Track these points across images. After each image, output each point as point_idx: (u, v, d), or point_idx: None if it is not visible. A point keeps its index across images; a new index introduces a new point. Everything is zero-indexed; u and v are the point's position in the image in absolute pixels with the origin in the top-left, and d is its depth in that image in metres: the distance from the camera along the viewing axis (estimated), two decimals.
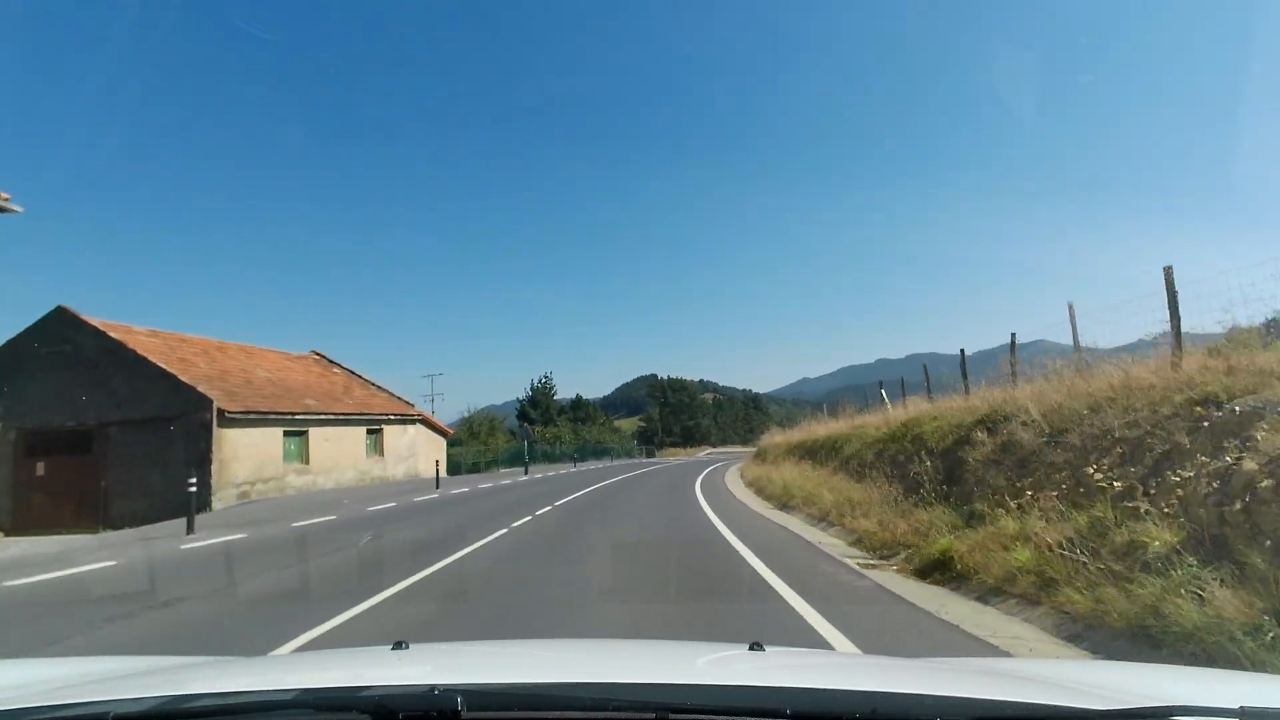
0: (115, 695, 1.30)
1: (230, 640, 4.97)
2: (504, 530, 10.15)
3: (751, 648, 1.77)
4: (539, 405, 51.02)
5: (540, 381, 53.02)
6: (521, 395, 53.30)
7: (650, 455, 55.30)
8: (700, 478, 22.82)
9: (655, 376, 66.47)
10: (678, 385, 65.57)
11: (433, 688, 1.18)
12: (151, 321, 42.90)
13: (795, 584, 6.02)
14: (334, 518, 12.97)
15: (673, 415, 65.06)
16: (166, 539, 11.12)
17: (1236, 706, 1.15)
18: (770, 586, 6.01)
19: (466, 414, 44.45)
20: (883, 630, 4.74)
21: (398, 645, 1.77)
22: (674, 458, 49.69)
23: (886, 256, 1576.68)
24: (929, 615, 5.06)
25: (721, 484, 19.76)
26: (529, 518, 11.78)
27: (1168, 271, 6.94)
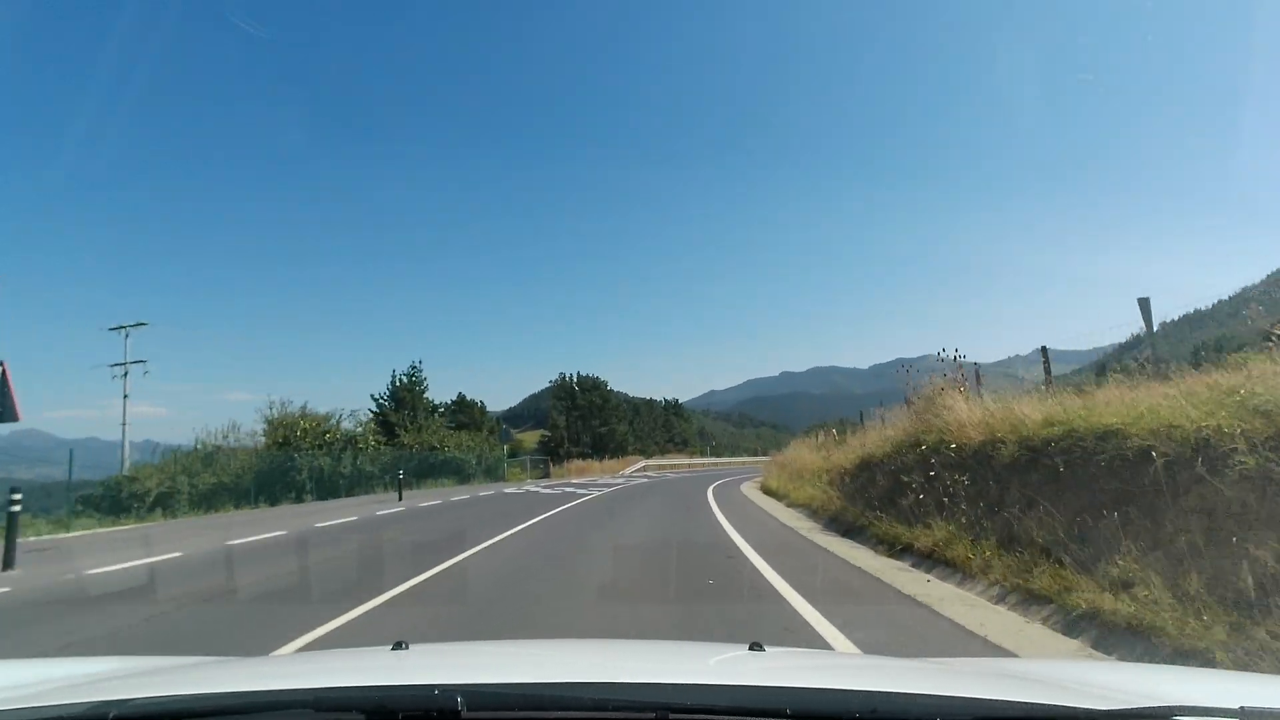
0: (115, 695, 1.29)
1: None
2: None
3: (751, 647, 1.80)
4: (405, 404, 38.18)
5: (408, 373, 40.00)
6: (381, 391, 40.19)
7: (545, 474, 42.03)
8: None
9: (563, 377, 54.39)
10: (589, 384, 54.10)
11: (433, 688, 1.19)
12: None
13: None
14: None
15: (581, 420, 53.46)
16: None
17: (1236, 706, 1.18)
18: None
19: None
20: None
21: (398, 645, 1.79)
22: (578, 478, 32.92)
23: (793, 271, 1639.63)
24: None
25: None
26: None
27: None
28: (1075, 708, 1.18)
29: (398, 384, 38.48)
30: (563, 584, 6.76)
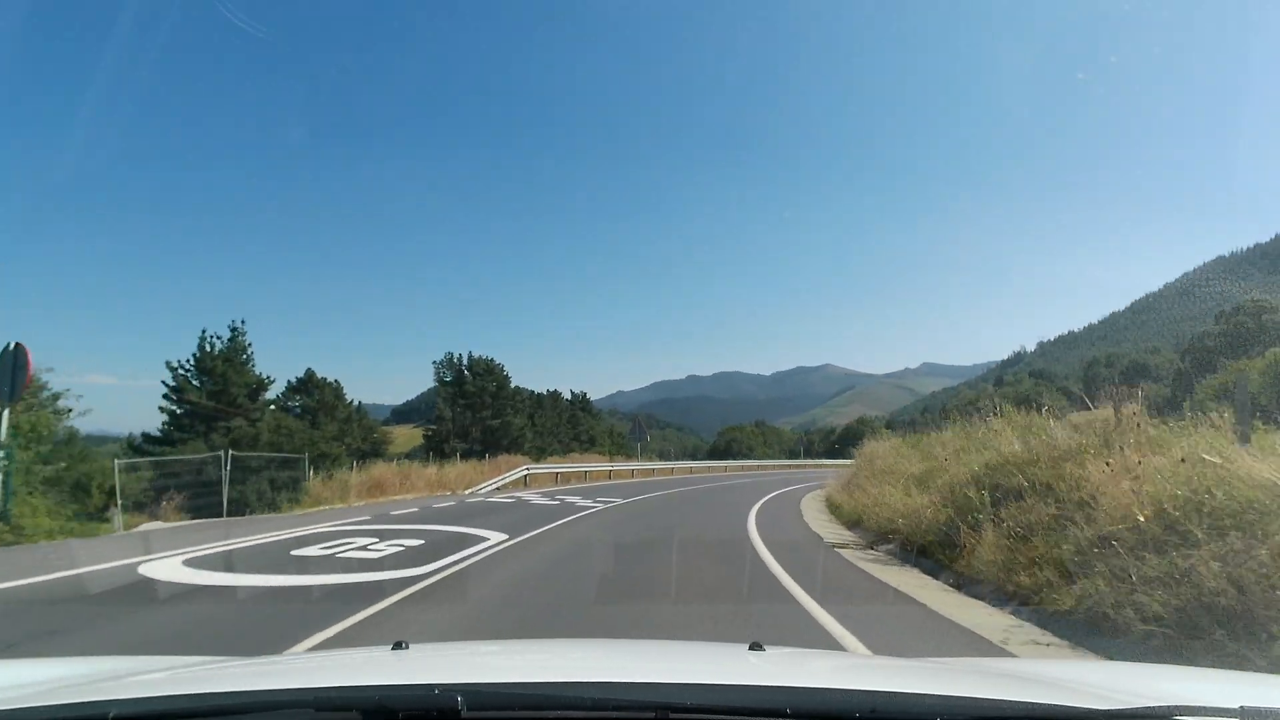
0: (115, 695, 1.29)
1: None
2: None
3: (752, 647, 1.80)
4: (212, 373, 27.59)
5: (218, 337, 29.13)
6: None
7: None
8: None
9: (450, 357, 44.73)
10: (482, 367, 44.76)
11: (433, 687, 1.19)
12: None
13: None
14: None
15: (470, 411, 44.02)
16: None
17: (1236, 706, 1.16)
18: None
19: None
20: None
21: (397, 645, 1.79)
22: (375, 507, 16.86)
23: (700, 276, 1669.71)
24: None
25: None
26: None
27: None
28: (1075, 708, 1.20)
29: (206, 349, 27.86)
30: None
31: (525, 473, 27.95)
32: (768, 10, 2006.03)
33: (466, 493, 22.61)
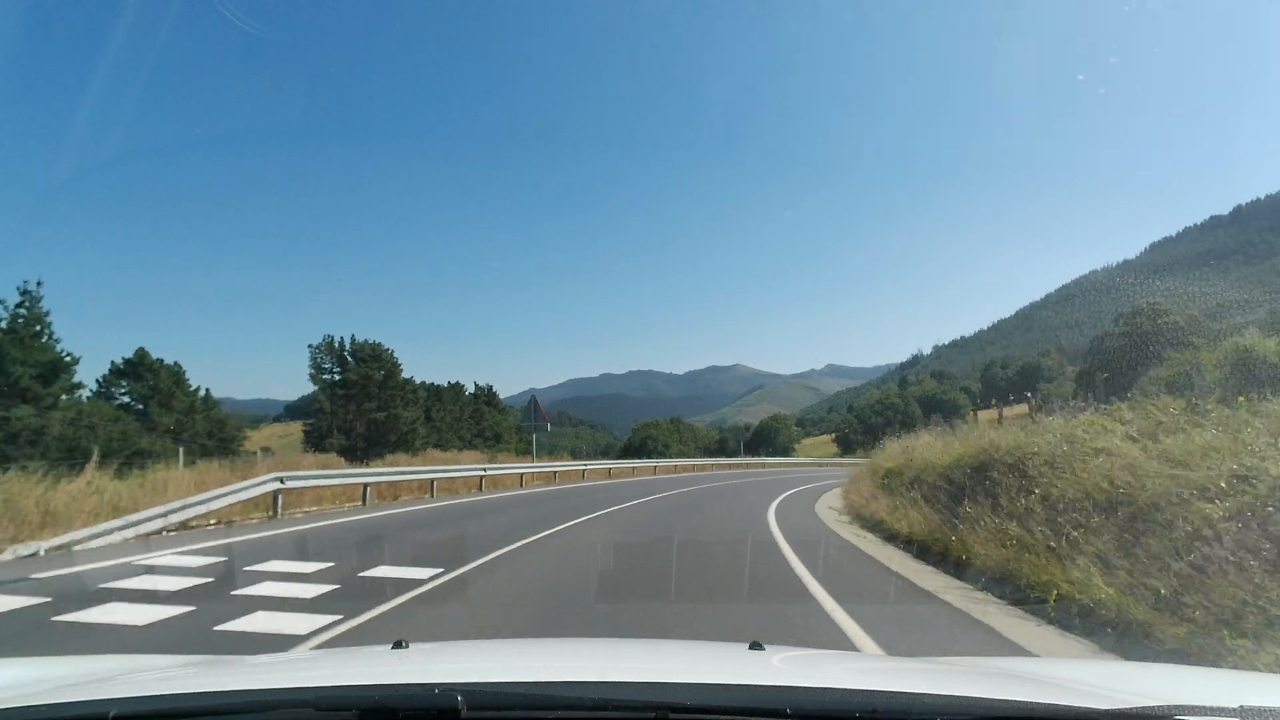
0: (115, 695, 1.28)
1: None
2: None
3: (752, 647, 1.81)
4: None
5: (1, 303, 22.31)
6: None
7: None
8: None
9: (329, 340, 38.53)
10: (367, 351, 38.93)
11: (433, 687, 1.19)
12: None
13: None
14: None
15: (352, 402, 38.16)
16: None
17: (1236, 706, 1.17)
18: None
19: None
20: None
21: (397, 645, 1.78)
22: None
23: (617, 274, 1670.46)
24: None
25: None
26: None
27: None
28: (1075, 707, 1.20)
29: None
30: None
31: (275, 487, 12.73)
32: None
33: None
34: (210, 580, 6.80)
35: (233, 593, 6.15)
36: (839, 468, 41.00)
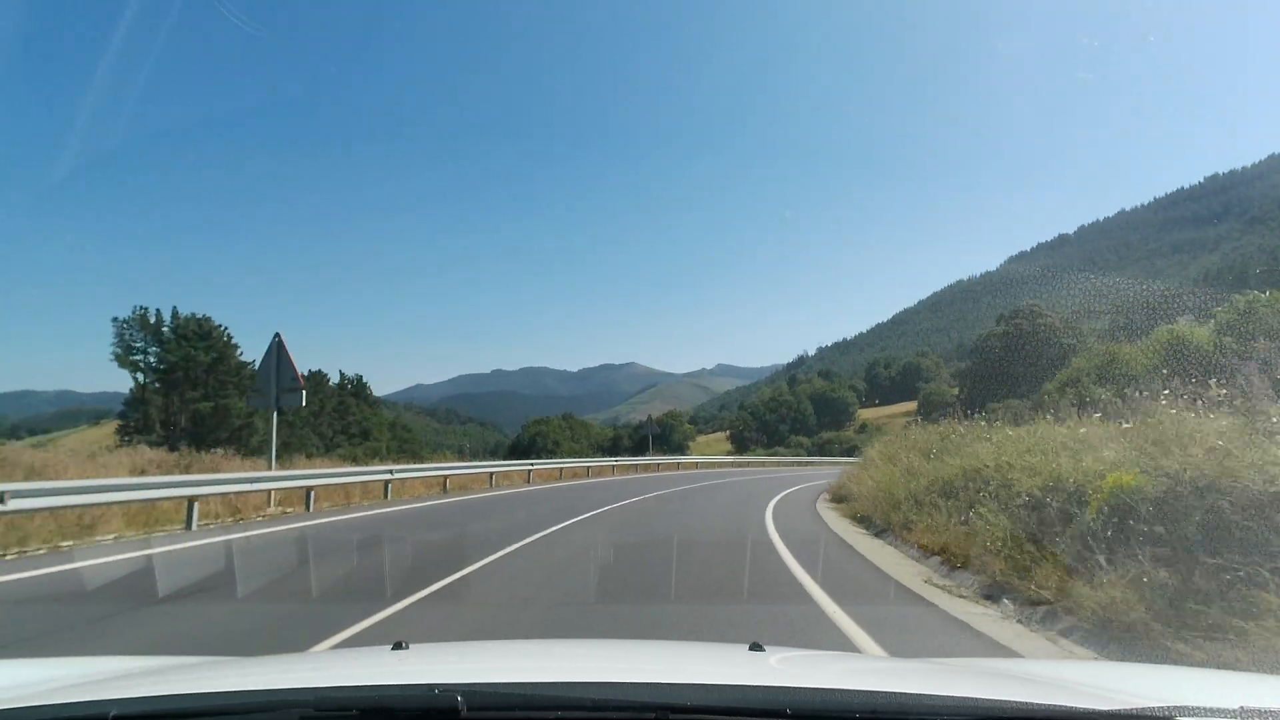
0: (115, 695, 1.28)
1: None
2: None
3: (752, 648, 1.78)
4: None
5: None
6: None
7: None
8: None
9: (141, 312, 31.05)
10: (192, 328, 32.08)
11: (433, 687, 1.18)
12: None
13: None
14: None
15: (173, 388, 31.26)
16: None
17: (1236, 706, 1.18)
18: None
19: None
20: None
21: (397, 645, 1.76)
22: None
23: (510, 270, 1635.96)
24: None
25: None
26: None
27: None
28: (1075, 708, 1.20)
29: None
30: None
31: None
32: None
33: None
34: None
35: None
36: (760, 469, 37.26)
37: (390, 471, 16.34)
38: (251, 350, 37.21)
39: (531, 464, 24.91)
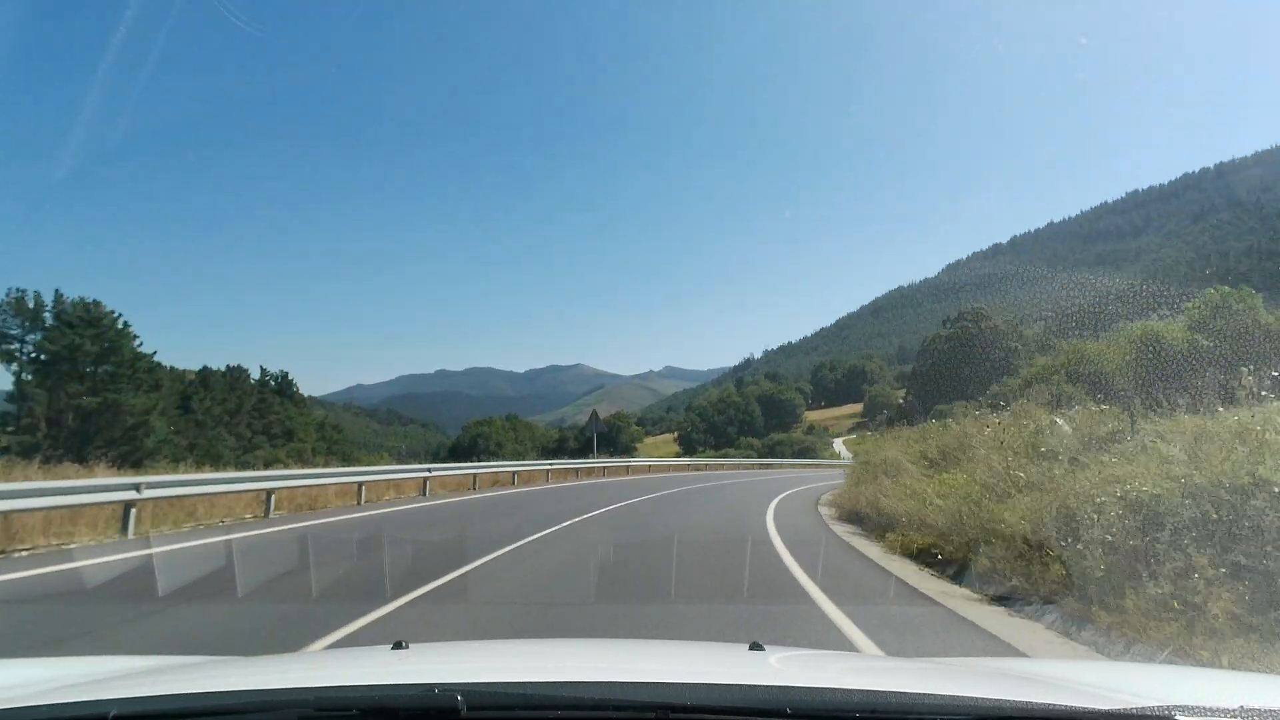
0: (115, 695, 1.27)
1: None
2: None
3: (752, 647, 1.78)
4: None
5: None
6: None
7: None
8: None
9: (18, 296, 27.14)
10: (80, 315, 28.37)
11: (433, 687, 1.17)
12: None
13: None
14: None
15: (54, 385, 27.56)
16: None
17: (1236, 706, 1.18)
18: None
19: None
20: None
21: (397, 645, 1.75)
22: None
23: (454, 268, 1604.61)
24: None
25: None
26: None
27: None
28: (1075, 708, 1.20)
29: None
30: None
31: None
32: None
33: None
34: None
35: None
36: (718, 472, 33.91)
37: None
38: (152, 341, 33.40)
39: (429, 469, 17.70)
